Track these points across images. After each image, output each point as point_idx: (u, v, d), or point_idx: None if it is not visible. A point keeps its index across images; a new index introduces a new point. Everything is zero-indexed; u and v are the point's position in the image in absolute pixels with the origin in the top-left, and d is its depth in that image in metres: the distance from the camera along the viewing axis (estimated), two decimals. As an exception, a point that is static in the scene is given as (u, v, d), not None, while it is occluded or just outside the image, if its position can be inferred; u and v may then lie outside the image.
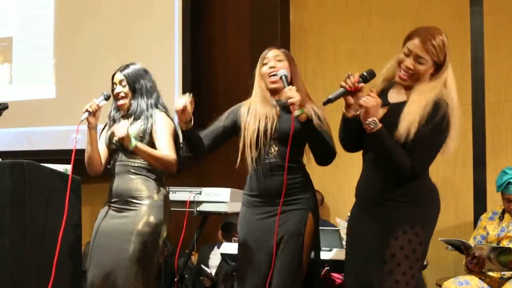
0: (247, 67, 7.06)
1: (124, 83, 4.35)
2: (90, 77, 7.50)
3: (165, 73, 7.10)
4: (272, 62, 3.95)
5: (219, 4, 7.57)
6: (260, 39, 7.05)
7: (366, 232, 3.41)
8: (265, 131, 3.88)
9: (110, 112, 4.45)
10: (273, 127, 3.88)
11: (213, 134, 4.04)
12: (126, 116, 4.38)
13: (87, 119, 4.20)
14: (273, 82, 3.94)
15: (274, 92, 3.97)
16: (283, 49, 4.06)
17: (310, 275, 3.90)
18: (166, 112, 4.37)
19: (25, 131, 8.09)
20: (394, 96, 3.47)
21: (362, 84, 3.39)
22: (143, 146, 4.17)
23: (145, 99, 4.35)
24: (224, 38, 7.53)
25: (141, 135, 4.24)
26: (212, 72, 7.50)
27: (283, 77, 3.85)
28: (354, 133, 3.47)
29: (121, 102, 4.36)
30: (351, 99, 3.39)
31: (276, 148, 3.87)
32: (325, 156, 3.89)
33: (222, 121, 4.08)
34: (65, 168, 4.97)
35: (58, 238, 4.03)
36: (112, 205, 4.30)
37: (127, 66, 4.42)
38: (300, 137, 3.82)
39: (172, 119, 4.35)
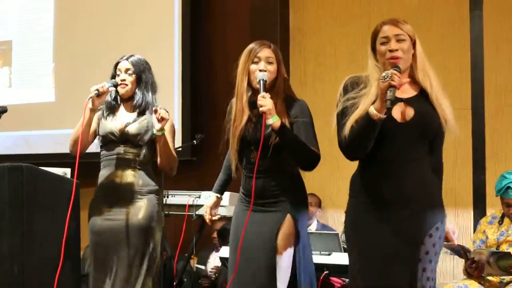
0: (247, 71, 7.09)
1: (130, 71, 4.31)
2: (89, 81, 7.42)
3: (165, 77, 7.10)
4: (263, 64, 3.89)
5: (219, 8, 7.58)
6: (260, 42, 7.06)
7: (399, 230, 3.34)
8: (244, 137, 3.89)
9: (107, 100, 4.36)
10: (251, 133, 3.88)
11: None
12: (128, 106, 4.34)
13: (92, 99, 4.14)
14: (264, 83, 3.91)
15: (257, 91, 3.93)
16: (274, 47, 3.97)
17: (296, 276, 3.89)
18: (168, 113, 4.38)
19: (24, 134, 8.10)
20: (400, 93, 3.42)
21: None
22: (167, 139, 4.18)
23: (150, 92, 4.32)
24: (223, 41, 7.54)
25: (140, 135, 4.23)
26: (212, 76, 7.50)
27: (261, 81, 3.81)
28: (375, 137, 3.33)
29: (124, 89, 4.30)
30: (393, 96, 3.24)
31: (256, 152, 3.84)
32: (305, 162, 3.85)
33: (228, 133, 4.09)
34: (64, 171, 4.98)
35: (57, 241, 4.03)
36: (106, 198, 4.26)
37: (132, 55, 4.38)
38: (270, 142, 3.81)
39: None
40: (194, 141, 5.95)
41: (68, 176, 4.86)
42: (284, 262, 3.82)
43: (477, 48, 5.55)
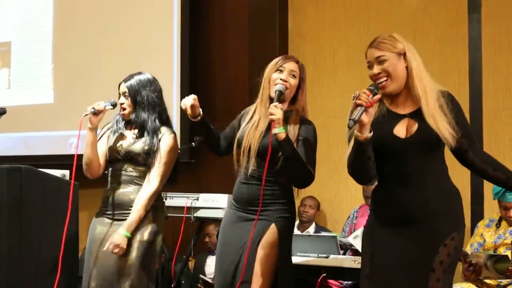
0: (245, 73, 7.09)
1: (126, 94, 4.32)
2: (88, 83, 7.52)
3: (163, 80, 6.98)
4: (285, 74, 3.94)
5: (218, 10, 7.59)
6: (259, 45, 7.08)
7: (410, 238, 3.33)
8: (251, 144, 3.92)
9: (116, 120, 4.40)
10: (257, 141, 3.91)
11: (228, 135, 4.11)
12: (130, 126, 4.35)
13: (89, 118, 4.15)
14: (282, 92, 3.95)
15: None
16: (300, 64, 4.03)
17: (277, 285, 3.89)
18: (175, 133, 4.38)
19: (23, 136, 8.10)
20: (401, 109, 3.42)
21: (377, 97, 3.26)
22: None
23: (145, 111, 4.31)
24: (222, 43, 7.55)
25: (143, 154, 4.23)
26: (210, 77, 7.51)
27: (277, 92, 3.86)
28: (371, 158, 3.32)
29: (123, 112, 4.33)
30: (366, 118, 3.22)
31: (254, 161, 3.90)
32: (299, 179, 3.88)
33: (234, 123, 4.15)
34: (63, 173, 4.97)
35: (55, 243, 4.03)
36: (109, 214, 4.24)
37: (131, 76, 4.37)
38: (277, 153, 3.83)
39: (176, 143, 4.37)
40: (193, 143, 5.93)
41: (67, 177, 4.86)
42: (262, 270, 3.85)
43: (475, 52, 5.53)
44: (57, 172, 4.90)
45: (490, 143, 6.13)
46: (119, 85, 4.38)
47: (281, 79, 3.91)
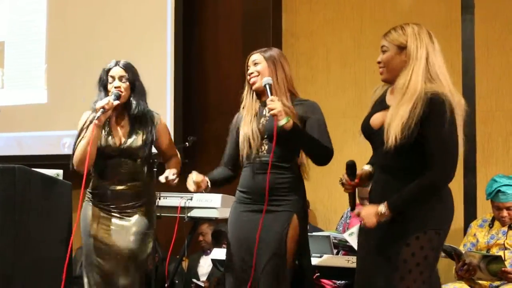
0: (239, 74, 7.07)
1: (124, 79, 4.21)
2: (82, 82, 7.51)
3: (157, 80, 7.11)
4: (251, 68, 4.02)
5: (211, 10, 7.59)
6: (252, 46, 6.99)
7: (377, 238, 3.37)
8: (256, 130, 3.93)
9: (101, 109, 4.14)
10: (263, 126, 3.93)
11: (232, 156, 4.12)
12: (121, 115, 4.27)
13: (100, 116, 4.07)
14: (253, 83, 4.00)
15: (261, 93, 4.01)
16: (263, 49, 4.09)
17: (298, 280, 3.90)
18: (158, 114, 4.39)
19: (17, 136, 8.08)
20: (391, 98, 3.48)
21: (356, 180, 3.54)
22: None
23: (142, 97, 4.26)
24: (216, 44, 7.55)
25: (144, 147, 4.24)
26: (204, 78, 7.51)
27: (267, 86, 3.88)
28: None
29: (120, 99, 4.17)
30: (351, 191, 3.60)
31: (266, 147, 3.91)
32: (319, 157, 3.93)
33: (231, 139, 4.15)
34: (57, 173, 4.97)
35: (49, 243, 4.03)
36: (105, 207, 4.24)
37: (126, 61, 4.29)
38: (288, 138, 3.84)
39: None
40: (186, 143, 5.94)
41: (61, 177, 4.86)
42: (290, 265, 3.85)
43: (468, 52, 5.54)
44: (51, 172, 4.90)
45: (483, 144, 6.15)
46: (109, 69, 4.26)
47: (249, 75, 4.01)
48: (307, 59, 7.13)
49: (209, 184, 3.95)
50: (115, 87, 4.18)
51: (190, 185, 3.88)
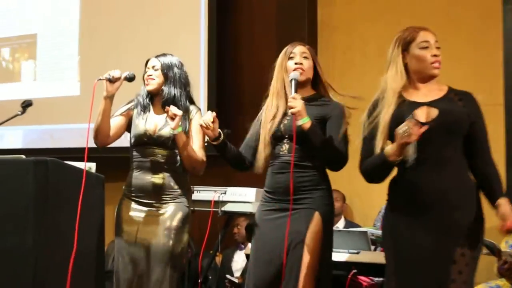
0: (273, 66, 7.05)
1: (157, 67, 4.32)
2: (115, 75, 7.50)
3: (190, 72, 7.00)
4: (298, 57, 3.97)
5: (246, 3, 7.54)
6: (287, 37, 6.98)
7: (423, 235, 3.30)
8: (277, 129, 3.92)
9: (142, 98, 4.38)
10: (285, 126, 3.91)
11: (250, 145, 4.11)
12: (158, 105, 4.32)
13: (106, 86, 4.20)
14: (300, 75, 3.95)
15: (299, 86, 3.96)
16: (308, 46, 4.07)
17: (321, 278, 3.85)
18: (200, 110, 4.37)
19: (49, 128, 8.12)
20: (422, 96, 3.41)
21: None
22: (185, 137, 4.16)
23: (178, 88, 4.30)
24: (250, 36, 7.51)
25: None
26: (238, 70, 7.47)
27: (293, 81, 3.85)
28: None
29: (150, 85, 4.31)
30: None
31: (287, 146, 3.90)
32: (332, 163, 3.90)
33: (252, 129, 4.15)
34: (89, 166, 4.95)
35: (82, 236, 4.02)
36: (138, 199, 4.28)
37: (163, 54, 4.40)
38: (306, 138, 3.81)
39: None
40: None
41: (93, 170, 4.84)
42: (310, 261, 3.79)
43: (510, 43, 5.46)
44: (83, 165, 4.88)
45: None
46: (147, 61, 4.38)
47: (296, 64, 3.93)
48: (343, 52, 7.06)
49: (221, 135, 3.93)
50: (147, 76, 4.31)
51: (205, 119, 3.88)
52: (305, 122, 3.71)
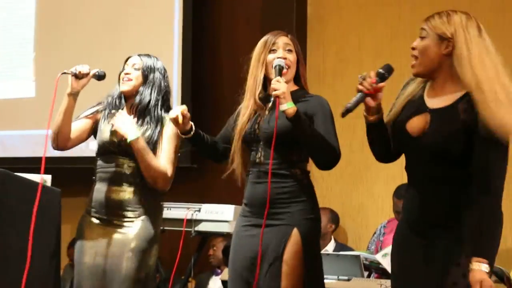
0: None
1: (137, 66, 4.30)
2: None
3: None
4: (281, 51, 3.92)
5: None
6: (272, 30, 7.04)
7: (419, 259, 3.33)
8: (250, 133, 3.90)
9: (112, 99, 4.35)
10: (258, 128, 3.89)
11: (225, 136, 4.10)
12: (129, 108, 4.32)
13: (71, 80, 4.16)
14: (283, 74, 3.88)
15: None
16: (291, 36, 4.02)
17: None
18: None
19: (0, 135, 8.09)
20: (436, 102, 3.39)
21: (382, 84, 3.36)
22: (143, 144, 4.14)
23: (154, 93, 4.28)
24: (231, 31, 7.53)
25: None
26: (217, 70, 7.49)
27: (277, 67, 3.82)
28: (383, 140, 3.46)
29: (125, 85, 4.28)
30: (371, 102, 3.38)
31: (263, 153, 3.86)
32: (323, 158, 3.83)
33: (230, 121, 4.13)
34: (44, 179, 4.95)
35: (33, 257, 4.01)
36: (102, 217, 4.26)
37: (148, 54, 4.39)
38: (289, 137, 3.76)
39: None
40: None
41: (49, 183, 4.84)
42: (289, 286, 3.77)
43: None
44: (37, 177, 4.88)
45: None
46: (127, 58, 4.38)
47: (278, 58, 3.88)
48: (336, 49, 7.09)
49: (193, 127, 3.90)
50: (124, 74, 4.29)
51: (173, 112, 3.84)
52: (290, 107, 3.65)
